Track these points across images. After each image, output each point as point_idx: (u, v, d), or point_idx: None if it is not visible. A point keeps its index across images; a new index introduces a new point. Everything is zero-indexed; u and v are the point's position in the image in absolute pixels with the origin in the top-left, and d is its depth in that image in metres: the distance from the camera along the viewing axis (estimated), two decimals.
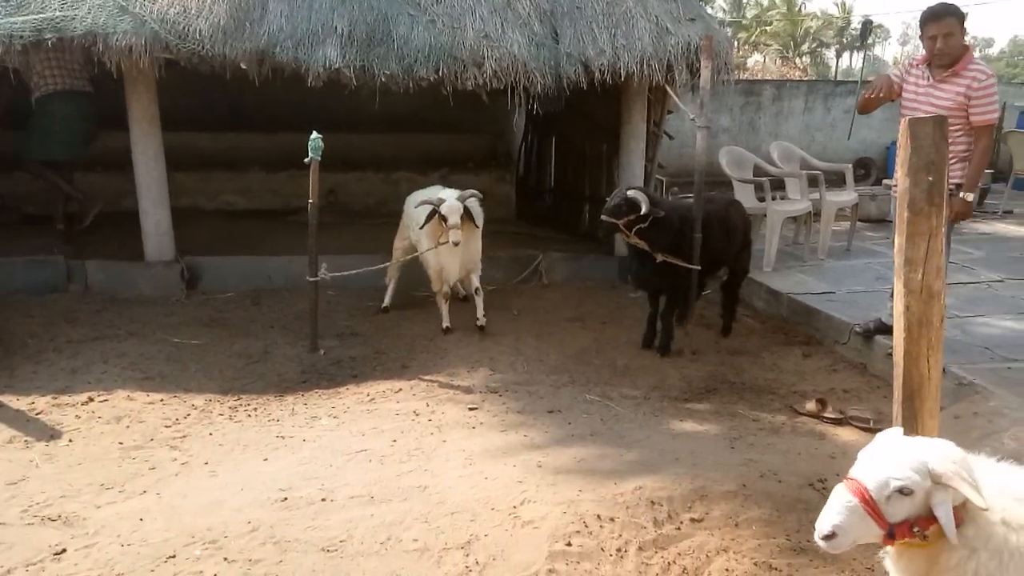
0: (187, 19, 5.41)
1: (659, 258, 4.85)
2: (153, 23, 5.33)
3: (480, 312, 5.50)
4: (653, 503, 3.04)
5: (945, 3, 4.17)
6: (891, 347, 4.75)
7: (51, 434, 3.80)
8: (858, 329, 4.94)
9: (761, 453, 3.59)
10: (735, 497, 3.09)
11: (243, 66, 5.50)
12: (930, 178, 2.12)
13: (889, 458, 1.67)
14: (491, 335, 5.38)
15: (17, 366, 4.61)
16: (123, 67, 5.49)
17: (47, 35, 5.24)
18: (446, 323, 5.47)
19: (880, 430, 3.72)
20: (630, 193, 4.75)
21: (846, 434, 3.98)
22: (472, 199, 5.35)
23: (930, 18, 4.16)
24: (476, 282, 5.61)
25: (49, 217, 7.01)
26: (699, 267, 4.98)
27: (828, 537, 1.64)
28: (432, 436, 3.82)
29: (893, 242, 2.27)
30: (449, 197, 5.19)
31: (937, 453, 1.65)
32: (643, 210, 4.63)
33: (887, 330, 4.55)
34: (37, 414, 4.01)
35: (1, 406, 4.09)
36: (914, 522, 1.65)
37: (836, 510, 1.64)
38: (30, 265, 6.09)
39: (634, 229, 4.72)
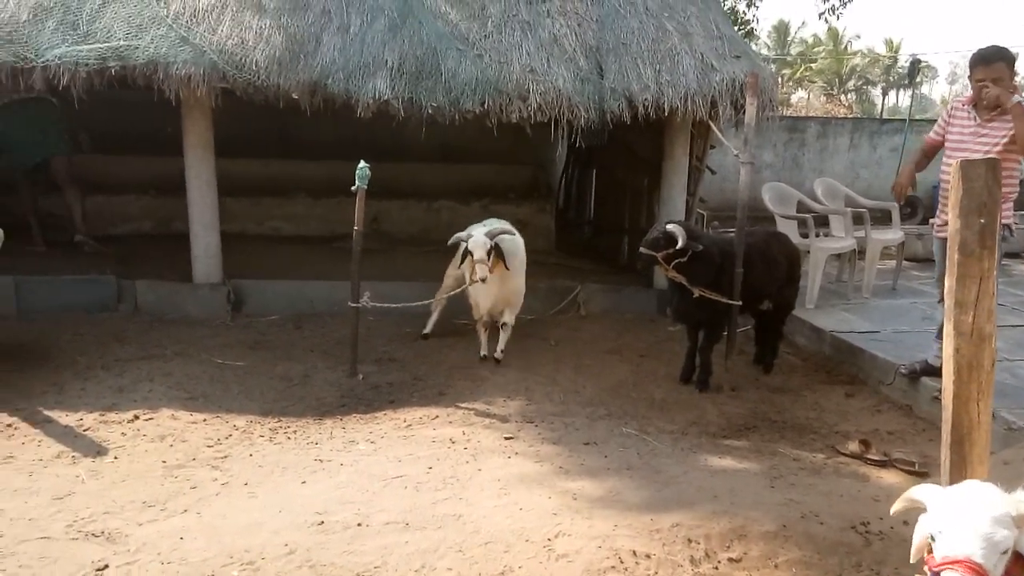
0: (244, 51, 5.61)
1: (696, 293, 4.83)
2: (212, 54, 5.54)
3: (501, 346, 5.48)
4: (690, 541, 2.99)
5: (997, 47, 4.14)
6: (938, 389, 4.67)
7: (97, 450, 3.89)
8: (904, 370, 4.83)
9: (802, 493, 3.52)
10: (775, 538, 3.02)
11: (296, 96, 5.67)
12: (982, 220, 2.09)
13: (987, 524, 1.57)
14: (528, 365, 5.38)
15: (66, 383, 4.74)
16: (181, 95, 5.69)
17: (111, 63, 5.47)
18: (483, 351, 5.49)
19: (926, 473, 3.65)
20: (668, 227, 4.77)
21: (890, 477, 3.88)
22: (506, 235, 5.37)
23: (979, 61, 4.14)
24: (507, 317, 5.60)
25: (102, 238, 7.26)
26: (739, 302, 4.95)
27: None
28: (467, 464, 3.82)
29: (939, 282, 2.24)
30: (478, 233, 5.23)
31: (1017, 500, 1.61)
32: (680, 244, 4.64)
33: (934, 372, 4.45)
34: (85, 430, 4.12)
35: (50, 421, 4.21)
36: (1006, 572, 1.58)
37: None
38: (81, 284, 6.27)
39: (673, 263, 4.73)
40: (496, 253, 5.24)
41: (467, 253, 5.22)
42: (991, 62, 4.09)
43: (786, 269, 5.32)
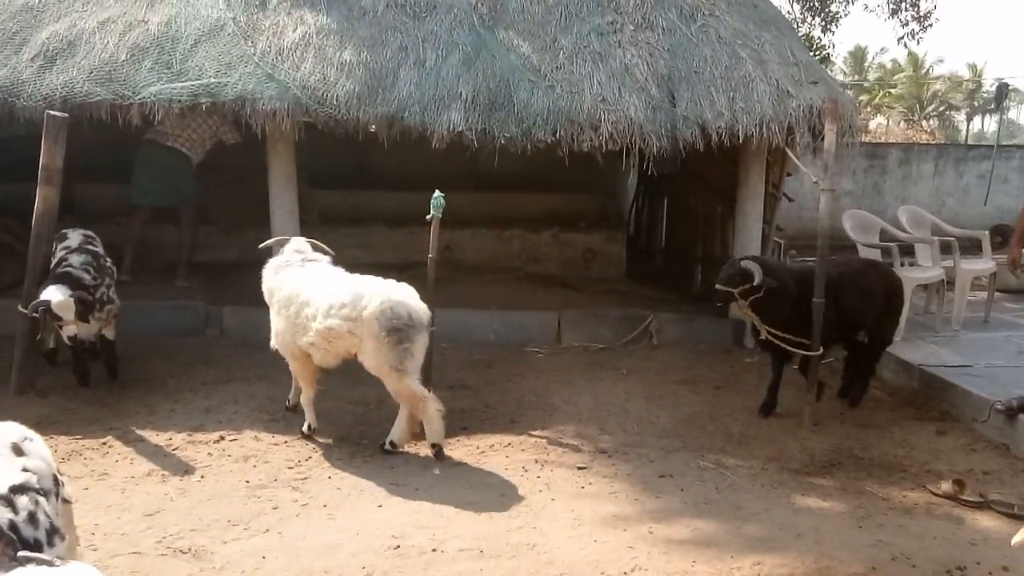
0: (326, 86, 5.84)
1: (763, 334, 4.79)
2: (296, 89, 5.79)
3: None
4: None
5: None
6: (1001, 402, 4.43)
7: (185, 469, 4.04)
8: (1000, 407, 4.58)
9: (892, 535, 3.36)
10: None
11: (374, 129, 5.86)
12: None
13: None
14: (599, 395, 5.33)
15: (157, 404, 4.95)
16: (267, 129, 5.95)
17: (202, 100, 5.78)
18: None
19: None
20: (743, 263, 4.72)
21: (987, 520, 3.66)
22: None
23: None
24: None
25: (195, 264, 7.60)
26: (815, 346, 4.77)
27: None
28: (540, 493, 3.80)
29: None
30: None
31: None
32: (756, 281, 4.59)
33: None
34: (174, 450, 4.29)
35: (142, 440, 4.40)
36: None
37: None
38: (171, 309, 6.58)
39: (749, 299, 4.66)
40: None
41: None
42: None
43: (883, 300, 5.08)
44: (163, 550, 3.20)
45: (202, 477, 3.96)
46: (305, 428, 4.51)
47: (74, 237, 5.32)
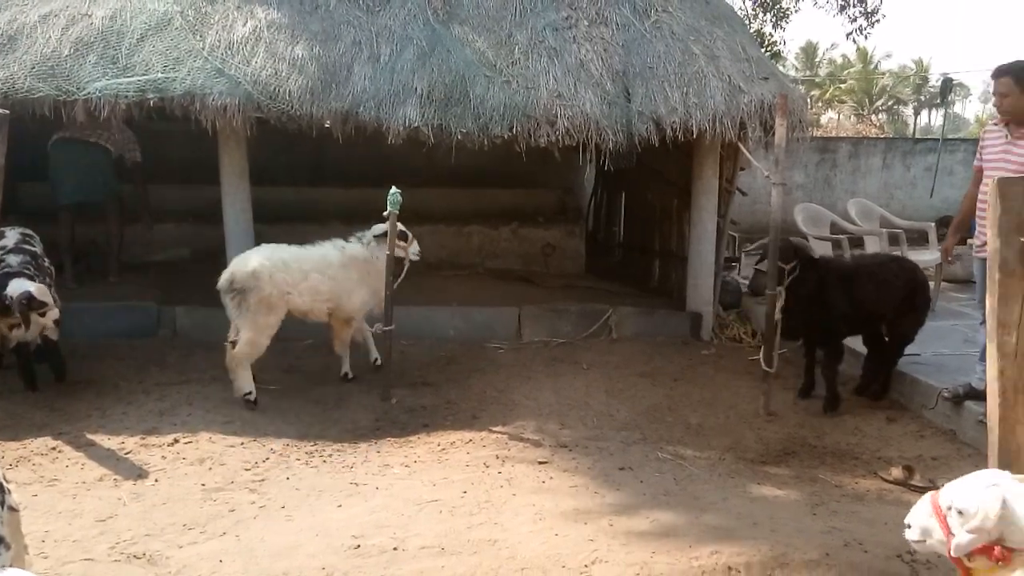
0: (278, 81, 5.75)
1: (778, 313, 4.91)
2: (247, 84, 5.68)
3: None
4: (730, 568, 2.95)
5: (1006, 63, 4.18)
6: (983, 413, 4.56)
7: (138, 473, 3.96)
8: (947, 394, 4.73)
9: (845, 521, 3.45)
10: (817, 566, 2.97)
11: (328, 124, 5.79)
12: (1022, 238, 2.07)
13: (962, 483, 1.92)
14: (560, 389, 5.36)
15: (109, 407, 4.83)
16: (217, 125, 5.83)
17: (149, 95, 5.64)
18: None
19: None
20: (793, 239, 4.96)
21: None
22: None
23: (991, 77, 4.22)
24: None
25: (141, 265, 7.41)
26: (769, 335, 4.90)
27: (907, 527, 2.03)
28: (502, 489, 3.81)
29: (980, 303, 2.22)
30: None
31: (978, 497, 1.84)
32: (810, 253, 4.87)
33: (978, 395, 4.35)
34: (126, 453, 4.19)
35: (93, 445, 4.29)
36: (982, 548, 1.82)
37: (915, 507, 2.01)
38: (123, 310, 6.41)
39: (791, 278, 4.85)
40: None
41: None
42: (997, 77, 4.20)
43: (903, 295, 5.00)
44: (116, 556, 3.12)
45: (156, 481, 3.88)
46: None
47: (11, 236, 5.16)
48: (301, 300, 5.05)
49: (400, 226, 5.21)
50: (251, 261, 4.91)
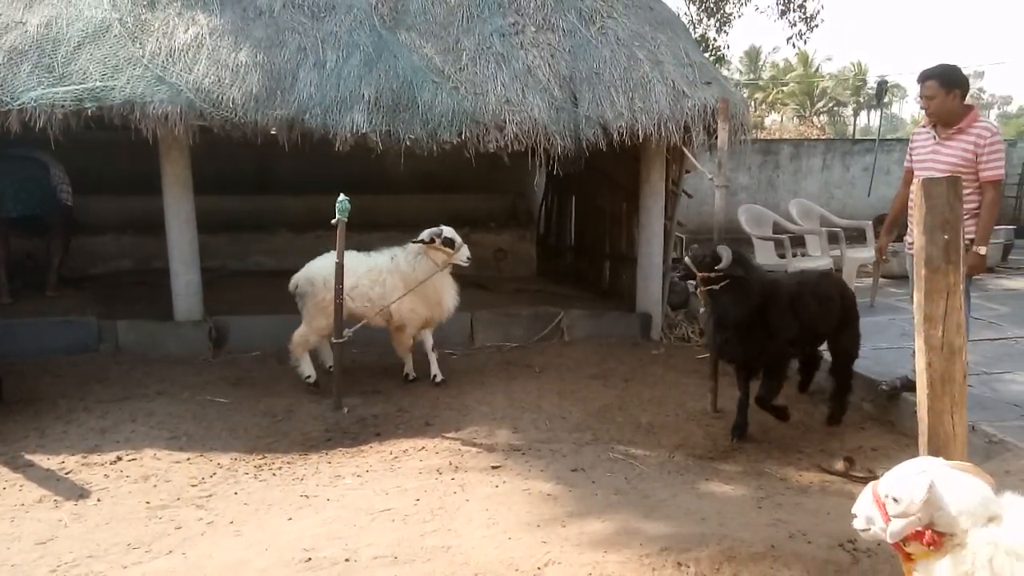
0: (221, 88, 5.66)
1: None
2: (188, 92, 5.58)
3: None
4: (680, 564, 2.99)
5: (931, 67, 4.34)
6: (885, 383, 4.73)
7: (80, 493, 3.84)
8: (884, 387, 4.89)
9: (790, 513, 3.54)
10: (764, 559, 3.04)
11: (274, 132, 5.71)
12: (946, 236, 2.15)
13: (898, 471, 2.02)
14: (512, 393, 5.38)
15: (48, 426, 4.68)
16: (159, 134, 5.71)
17: (87, 104, 5.49)
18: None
19: None
20: (719, 247, 4.43)
21: None
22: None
23: (917, 81, 4.38)
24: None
25: (80, 279, 7.21)
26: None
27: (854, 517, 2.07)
28: (455, 495, 3.81)
29: (912, 299, 2.30)
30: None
31: (907, 484, 1.94)
32: (723, 264, 4.30)
33: (914, 387, 4.50)
34: (67, 473, 4.06)
35: (31, 465, 4.15)
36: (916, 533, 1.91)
37: (860, 497, 2.07)
38: (62, 325, 6.23)
39: (710, 286, 4.37)
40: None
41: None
42: (923, 80, 4.35)
43: (840, 309, 4.76)
44: None
45: (99, 500, 3.77)
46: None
47: None
48: (353, 305, 5.34)
49: (449, 232, 5.39)
50: (311, 268, 5.42)
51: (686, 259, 4.54)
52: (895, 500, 1.95)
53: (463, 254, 5.46)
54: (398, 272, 5.44)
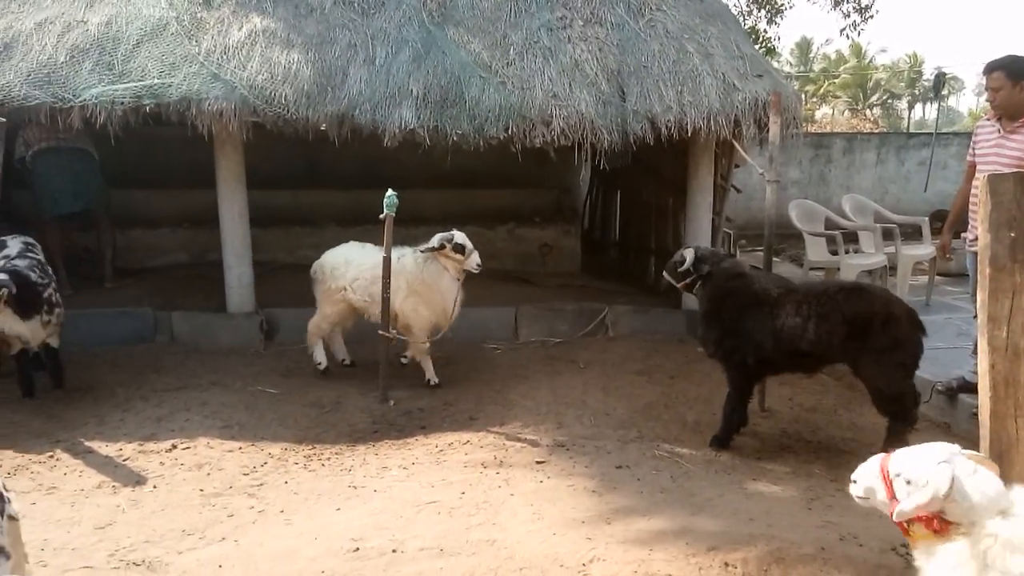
0: (274, 85, 5.76)
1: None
2: (242, 89, 5.70)
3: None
4: (727, 565, 2.96)
5: (998, 58, 4.20)
6: (976, 406, 4.57)
7: (137, 480, 3.97)
8: (940, 387, 4.76)
9: (840, 515, 3.47)
10: (813, 561, 2.98)
11: (324, 128, 5.80)
12: (1012, 234, 2.09)
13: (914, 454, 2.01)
14: (557, 388, 5.38)
15: (106, 414, 4.84)
16: (214, 130, 5.84)
17: (146, 101, 5.64)
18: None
19: None
20: (682, 250, 4.50)
21: None
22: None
23: (983, 72, 4.25)
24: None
25: (138, 271, 7.43)
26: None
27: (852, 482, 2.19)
28: (500, 489, 3.82)
29: (973, 297, 2.24)
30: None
31: (924, 471, 1.92)
32: (685, 265, 4.35)
33: (971, 388, 4.36)
34: (124, 460, 4.20)
35: (91, 452, 4.30)
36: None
37: (863, 465, 2.16)
38: (119, 317, 6.43)
39: (688, 290, 4.51)
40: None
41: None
42: (989, 72, 4.22)
43: (852, 331, 3.97)
44: (115, 563, 3.13)
45: (154, 487, 3.89)
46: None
47: (14, 245, 5.18)
48: (354, 297, 5.43)
49: (460, 238, 5.26)
50: (324, 256, 5.61)
51: (664, 273, 4.60)
52: (907, 482, 1.96)
53: (473, 261, 5.29)
54: (403, 273, 5.26)
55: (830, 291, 4.18)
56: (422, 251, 5.30)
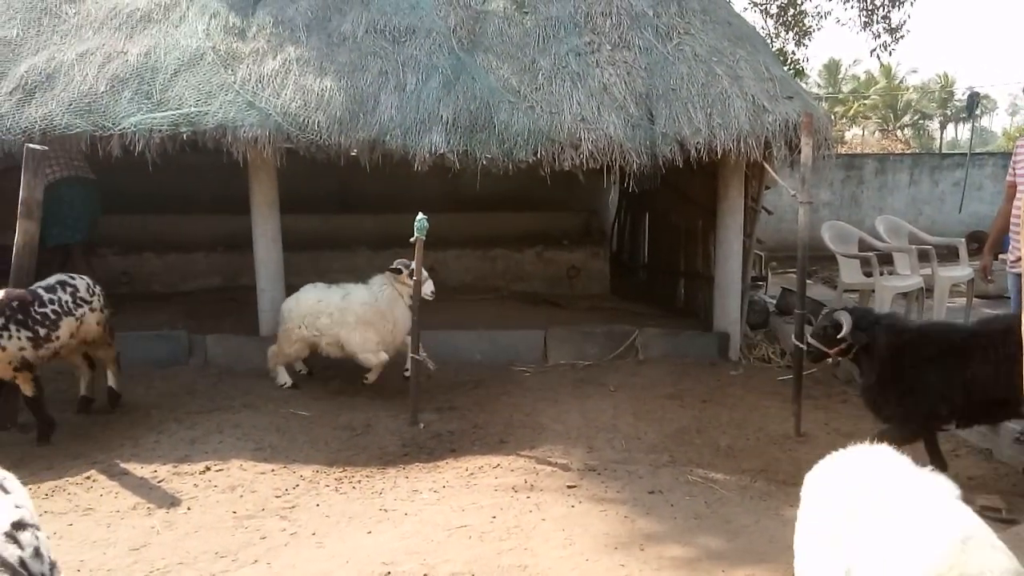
0: (307, 112, 5.87)
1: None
2: (276, 116, 5.81)
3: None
4: None
5: None
6: (1020, 431, 4.47)
7: (171, 501, 4.00)
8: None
9: None
10: None
11: (356, 153, 5.89)
12: None
13: None
14: (587, 412, 5.34)
15: (141, 436, 4.90)
16: (248, 156, 5.96)
17: (183, 129, 5.79)
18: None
19: (1014, 520, 3.46)
20: (838, 314, 4.08)
21: None
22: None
23: (1022, 91, 4.16)
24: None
25: (173, 295, 7.55)
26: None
27: None
28: (531, 514, 3.79)
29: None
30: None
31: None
32: (844, 332, 3.99)
33: None
34: (159, 482, 4.24)
35: (126, 474, 4.35)
36: None
37: None
38: (154, 339, 6.53)
39: (844, 356, 4.13)
40: None
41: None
42: None
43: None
44: None
45: (188, 509, 3.92)
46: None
47: (81, 283, 5.13)
48: (308, 333, 5.70)
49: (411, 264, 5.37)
50: (288, 299, 5.92)
51: (811, 339, 4.23)
52: None
53: (428, 288, 5.51)
54: (353, 308, 5.65)
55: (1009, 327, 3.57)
56: (389, 270, 5.71)
